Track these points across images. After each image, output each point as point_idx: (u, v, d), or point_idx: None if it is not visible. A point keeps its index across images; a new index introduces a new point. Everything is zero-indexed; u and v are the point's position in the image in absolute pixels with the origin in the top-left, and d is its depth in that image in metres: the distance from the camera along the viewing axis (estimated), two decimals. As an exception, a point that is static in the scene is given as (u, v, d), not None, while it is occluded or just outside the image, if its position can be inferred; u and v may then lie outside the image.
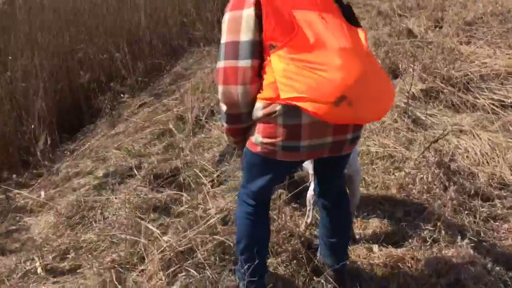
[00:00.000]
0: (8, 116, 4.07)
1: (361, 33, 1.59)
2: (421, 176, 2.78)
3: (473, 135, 3.40)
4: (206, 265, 2.03)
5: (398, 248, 2.26)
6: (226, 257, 2.16)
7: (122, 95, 5.68)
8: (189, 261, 2.09)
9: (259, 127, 1.57)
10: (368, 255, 2.26)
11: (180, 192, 2.77)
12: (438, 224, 2.22)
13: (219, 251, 2.17)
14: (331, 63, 1.43)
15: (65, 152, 4.29)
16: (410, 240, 2.27)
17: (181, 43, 7.07)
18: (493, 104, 3.89)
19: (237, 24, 1.52)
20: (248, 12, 1.50)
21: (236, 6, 1.54)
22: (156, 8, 7.14)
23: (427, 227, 2.28)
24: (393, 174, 2.95)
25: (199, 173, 2.94)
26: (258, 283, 1.83)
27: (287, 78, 1.43)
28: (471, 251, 2.12)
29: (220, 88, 1.58)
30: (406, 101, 3.85)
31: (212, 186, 2.87)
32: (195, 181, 2.90)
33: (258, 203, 1.78)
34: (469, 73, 4.27)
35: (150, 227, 2.33)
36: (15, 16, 4.85)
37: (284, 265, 2.13)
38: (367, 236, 2.41)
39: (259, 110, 1.54)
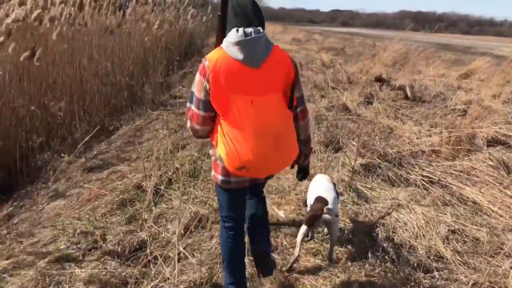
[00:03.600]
0: None
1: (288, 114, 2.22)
2: (371, 249, 3.10)
3: (409, 209, 3.83)
4: None
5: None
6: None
7: (62, 154, 5.59)
8: None
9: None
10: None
11: (148, 267, 2.84)
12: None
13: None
14: (244, 142, 2.10)
15: (2, 216, 4.15)
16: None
17: (128, 105, 7.15)
18: (423, 180, 4.41)
19: (201, 87, 2.18)
20: (206, 84, 2.14)
21: (202, 73, 2.16)
22: (101, 68, 7.20)
23: (382, 299, 2.55)
24: (345, 247, 3.23)
25: (165, 247, 3.04)
26: None
27: (221, 138, 2.16)
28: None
29: (188, 122, 2.30)
30: (350, 175, 4.26)
31: (179, 260, 2.96)
32: (162, 254, 2.97)
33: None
34: (401, 150, 4.82)
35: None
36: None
37: None
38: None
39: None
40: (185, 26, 12.71)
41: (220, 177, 2.32)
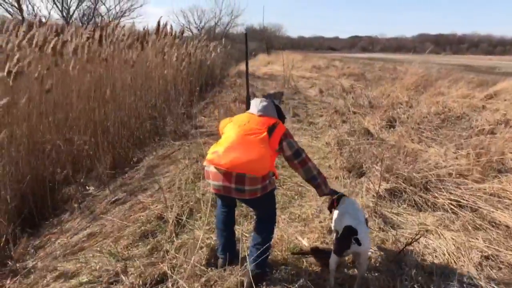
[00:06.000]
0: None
1: (263, 136, 2.84)
2: (400, 278, 2.97)
3: (438, 235, 3.68)
4: None
5: None
6: None
7: (87, 187, 5.66)
8: None
9: None
10: None
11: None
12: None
13: None
14: (224, 141, 2.88)
15: (29, 249, 4.17)
16: None
17: (151, 136, 7.24)
18: (451, 204, 4.25)
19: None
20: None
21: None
22: (125, 101, 7.33)
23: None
24: (372, 275, 3.11)
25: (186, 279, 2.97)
26: None
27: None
28: None
29: None
30: (374, 201, 4.14)
31: (201, 292, 2.90)
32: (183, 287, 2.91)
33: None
34: (427, 175, 4.68)
35: None
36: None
37: None
38: None
39: None
40: (205, 58, 12.95)
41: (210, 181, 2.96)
